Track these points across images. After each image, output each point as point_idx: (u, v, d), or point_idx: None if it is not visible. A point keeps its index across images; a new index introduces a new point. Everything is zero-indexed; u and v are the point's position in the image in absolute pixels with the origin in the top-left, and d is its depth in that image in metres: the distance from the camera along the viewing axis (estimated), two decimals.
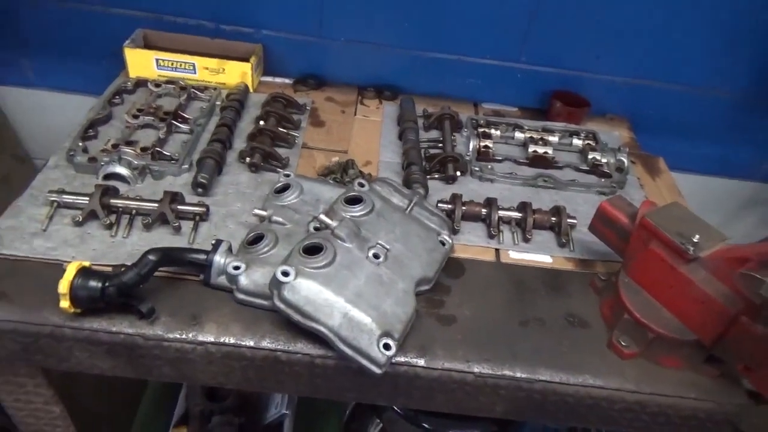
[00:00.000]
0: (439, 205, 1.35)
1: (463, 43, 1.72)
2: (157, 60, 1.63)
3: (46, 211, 1.21)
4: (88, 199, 1.21)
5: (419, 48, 1.74)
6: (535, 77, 1.76)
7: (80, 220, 1.19)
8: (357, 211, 1.18)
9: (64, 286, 0.99)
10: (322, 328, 1.01)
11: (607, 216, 1.20)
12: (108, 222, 1.19)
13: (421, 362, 1.07)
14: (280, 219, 1.20)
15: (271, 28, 1.73)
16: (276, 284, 1.03)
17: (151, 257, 1.05)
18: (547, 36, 1.69)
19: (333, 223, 1.12)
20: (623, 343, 1.11)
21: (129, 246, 1.18)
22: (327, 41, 1.73)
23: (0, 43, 1.80)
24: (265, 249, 1.14)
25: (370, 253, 1.12)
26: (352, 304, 1.02)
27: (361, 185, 1.25)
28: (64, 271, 1.07)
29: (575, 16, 1.65)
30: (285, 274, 1.02)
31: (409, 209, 1.26)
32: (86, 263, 1.05)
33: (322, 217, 1.14)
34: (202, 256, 1.10)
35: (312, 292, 1.02)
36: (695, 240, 1.04)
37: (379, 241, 1.15)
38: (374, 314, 1.03)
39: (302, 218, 1.22)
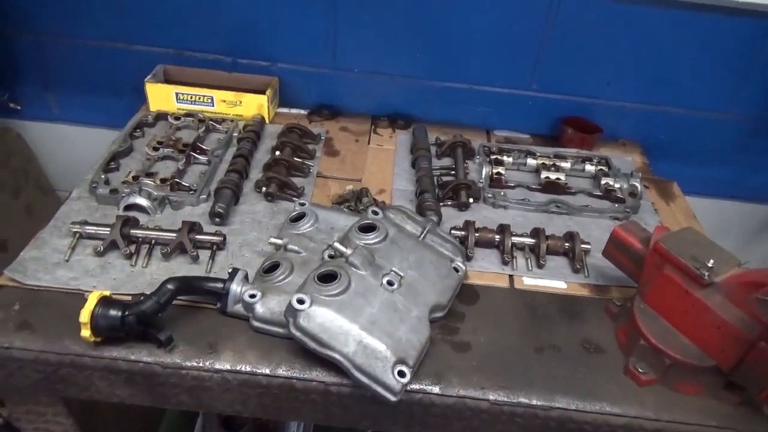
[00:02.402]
0: (453, 232, 1.36)
1: (474, 72, 1.75)
2: (176, 94, 1.69)
3: (69, 242, 1.24)
4: (109, 229, 1.24)
5: (431, 78, 1.78)
6: (546, 104, 1.78)
7: (101, 250, 1.22)
8: (371, 238, 1.20)
9: (85, 316, 1.02)
10: (337, 356, 1.02)
11: (620, 241, 1.20)
12: (128, 252, 1.22)
13: (436, 389, 1.07)
14: (296, 247, 1.22)
15: (286, 60, 1.78)
16: (291, 312, 1.04)
17: (170, 286, 1.07)
18: (557, 64, 1.71)
19: (347, 251, 1.14)
20: (640, 370, 1.10)
21: (148, 275, 1.20)
22: (341, 72, 1.77)
23: (26, 79, 1.87)
24: (281, 277, 1.15)
25: (384, 281, 1.13)
26: (367, 331, 1.03)
27: (375, 213, 1.27)
28: (85, 300, 1.10)
29: (585, 43, 1.68)
30: (300, 301, 1.03)
31: (422, 236, 1.27)
32: (107, 292, 1.07)
33: (337, 245, 1.15)
34: (219, 285, 1.12)
35: (327, 319, 1.03)
36: (710, 265, 1.04)
37: (393, 269, 1.16)
38: (389, 341, 1.03)
39: (317, 246, 1.24)
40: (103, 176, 1.41)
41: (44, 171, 2.05)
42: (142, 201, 1.34)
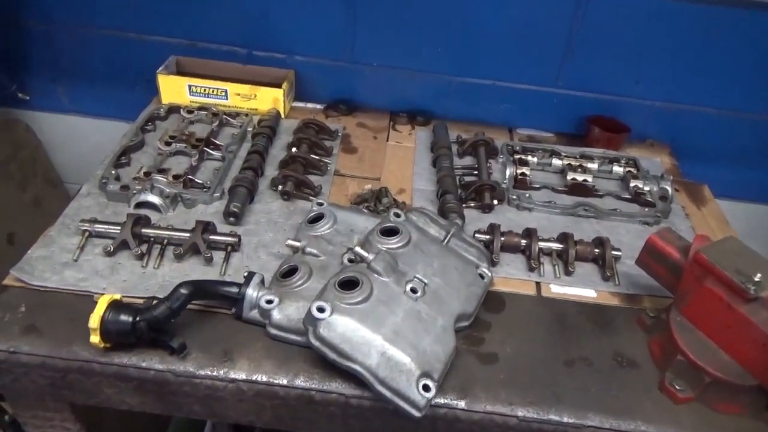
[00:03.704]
0: (477, 235, 1.30)
1: (497, 68, 1.68)
2: (189, 86, 1.63)
3: (78, 241, 1.19)
4: (119, 228, 1.19)
5: (453, 73, 1.71)
6: (572, 102, 1.72)
7: (111, 250, 1.17)
8: (393, 243, 1.14)
9: (94, 321, 0.97)
10: (359, 368, 0.97)
11: (656, 250, 1.14)
12: (139, 252, 1.17)
13: (462, 404, 1.01)
14: (314, 250, 1.17)
15: (303, 53, 1.72)
16: (311, 320, 0.99)
17: (183, 291, 1.02)
18: (584, 60, 1.64)
19: (369, 256, 1.08)
20: (677, 387, 1.04)
21: (160, 277, 1.15)
22: (359, 66, 1.71)
23: (35, 69, 1.82)
24: (299, 282, 1.10)
25: (408, 288, 1.08)
26: (391, 342, 0.98)
27: (397, 215, 1.21)
28: (94, 303, 1.05)
29: (614, 40, 1.61)
30: (320, 310, 0.98)
31: (446, 241, 1.21)
32: (117, 296, 1.02)
33: (358, 249, 1.10)
34: (234, 290, 1.07)
35: (348, 329, 0.97)
36: (756, 279, 0.97)
37: (417, 275, 1.11)
38: (413, 353, 0.98)
39: (336, 249, 1.19)
40: (113, 172, 1.35)
41: (53, 163, 2.00)
42: (153, 199, 1.29)
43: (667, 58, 1.64)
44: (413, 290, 1.08)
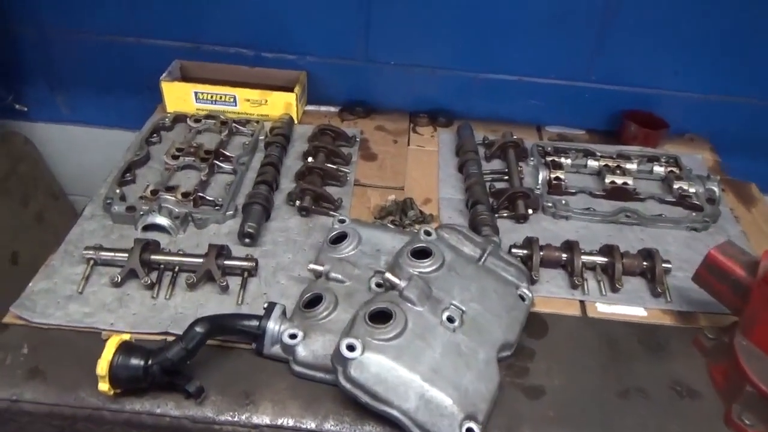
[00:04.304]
0: (513, 250, 1.20)
1: (524, 63, 1.57)
2: (195, 93, 1.53)
3: (83, 270, 1.10)
4: (127, 256, 1.09)
5: (475, 69, 1.60)
6: (605, 96, 1.60)
7: (119, 280, 1.07)
8: (426, 266, 1.04)
9: (102, 367, 0.87)
10: (395, 413, 0.87)
11: (717, 267, 1.03)
12: (148, 282, 1.07)
13: None
14: (339, 275, 1.07)
15: (314, 53, 1.61)
16: (340, 360, 0.89)
17: (199, 329, 0.92)
18: (618, 51, 1.52)
19: (401, 283, 0.98)
20: (746, 421, 0.94)
21: (172, 308, 1.06)
22: (375, 65, 1.60)
23: (32, 78, 1.73)
24: (325, 313, 1.00)
25: (444, 317, 0.98)
26: (430, 382, 0.88)
27: (428, 234, 1.11)
28: (102, 341, 0.97)
29: (650, 28, 1.49)
30: (351, 348, 0.88)
31: (482, 260, 1.11)
32: (126, 336, 0.93)
33: (389, 276, 1.00)
34: (254, 323, 0.98)
35: (383, 368, 0.88)
36: None
37: (453, 302, 1.00)
38: (455, 394, 0.88)
39: (362, 273, 1.09)
40: (117, 191, 1.26)
41: (54, 175, 1.91)
42: (162, 221, 1.19)
43: (708, 47, 1.51)
44: (450, 319, 0.98)
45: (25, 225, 1.75)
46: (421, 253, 1.07)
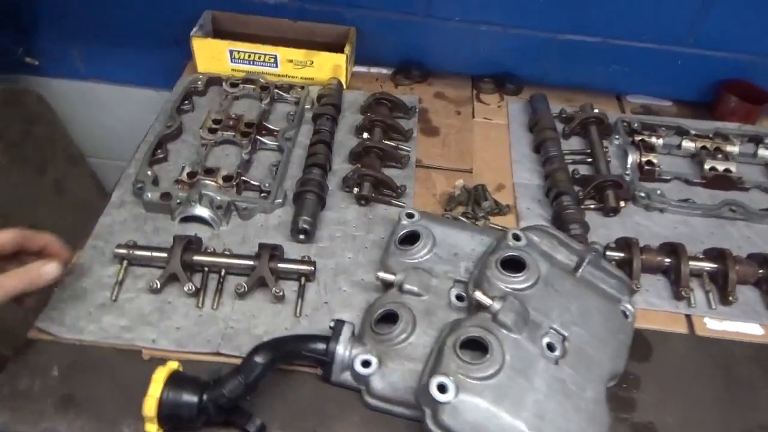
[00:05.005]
0: (607, 253, 1.03)
1: (611, 22, 1.34)
2: (231, 52, 1.33)
3: (115, 272, 0.95)
4: (166, 256, 0.94)
5: (552, 29, 1.37)
6: (701, 63, 1.38)
7: (158, 287, 0.93)
8: (520, 281, 0.88)
9: (150, 407, 0.74)
10: None
11: None
12: (192, 289, 0.92)
13: None
14: (414, 287, 0.91)
15: (366, 5, 1.38)
16: (429, 401, 0.75)
17: (259, 360, 0.78)
18: (731, 11, 1.28)
19: (495, 305, 0.83)
20: None
21: (221, 321, 0.91)
22: (436, 21, 1.38)
23: (45, 29, 1.53)
24: (402, 336, 0.85)
25: (544, 343, 0.83)
26: (536, 430, 0.74)
27: (517, 238, 0.94)
28: (143, 361, 0.84)
29: None
30: (442, 389, 0.74)
31: (580, 270, 0.94)
32: (174, 364, 0.79)
33: (479, 295, 0.84)
34: (321, 347, 0.83)
35: (481, 415, 0.74)
36: None
37: (553, 325, 0.85)
38: None
39: (440, 284, 0.93)
40: (149, 173, 1.09)
41: (72, 137, 1.74)
42: (203, 212, 1.03)
43: None
44: (550, 347, 0.83)
45: (43, 195, 1.59)
46: (513, 264, 0.90)
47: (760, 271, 1.02)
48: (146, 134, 1.20)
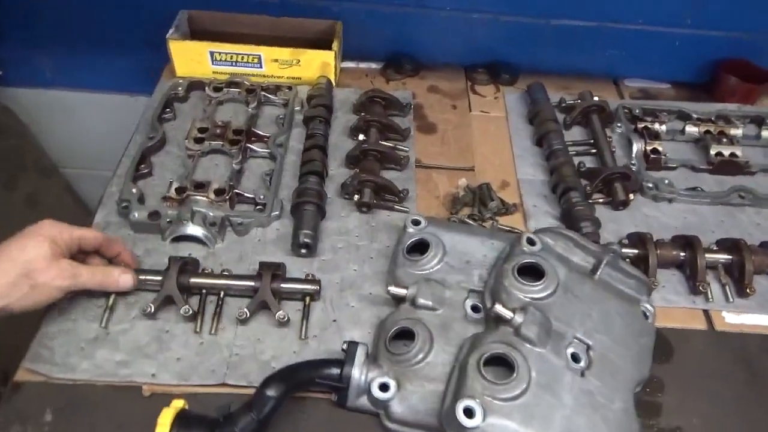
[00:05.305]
0: (622, 251, 1.00)
1: (607, 6, 1.29)
2: (212, 53, 1.25)
3: (104, 300, 0.88)
4: (160, 279, 0.88)
5: (546, 14, 1.32)
6: (700, 43, 1.35)
7: (152, 311, 0.86)
8: (539, 290, 0.84)
9: None
10: None
11: None
12: (190, 312, 0.86)
13: None
14: (428, 301, 0.86)
15: None
16: (456, 426, 0.71)
17: (271, 393, 0.73)
18: None
19: (517, 319, 0.79)
20: None
21: (225, 349, 0.86)
22: (427, 11, 1.32)
23: (7, 35, 1.43)
24: (420, 355, 0.81)
25: (568, 354, 0.79)
26: None
27: (531, 243, 0.90)
28: (144, 397, 0.78)
29: None
30: (469, 413, 0.70)
31: (598, 272, 0.90)
32: (179, 403, 0.73)
33: (499, 309, 0.79)
34: (335, 372, 0.79)
35: None
36: None
37: (576, 334, 0.82)
38: None
39: (455, 296, 0.88)
40: (134, 190, 1.02)
41: (44, 149, 1.64)
42: (196, 231, 0.97)
43: None
44: (575, 357, 0.79)
45: (15, 211, 1.50)
46: (529, 270, 0.86)
47: None
48: (127, 147, 1.13)
